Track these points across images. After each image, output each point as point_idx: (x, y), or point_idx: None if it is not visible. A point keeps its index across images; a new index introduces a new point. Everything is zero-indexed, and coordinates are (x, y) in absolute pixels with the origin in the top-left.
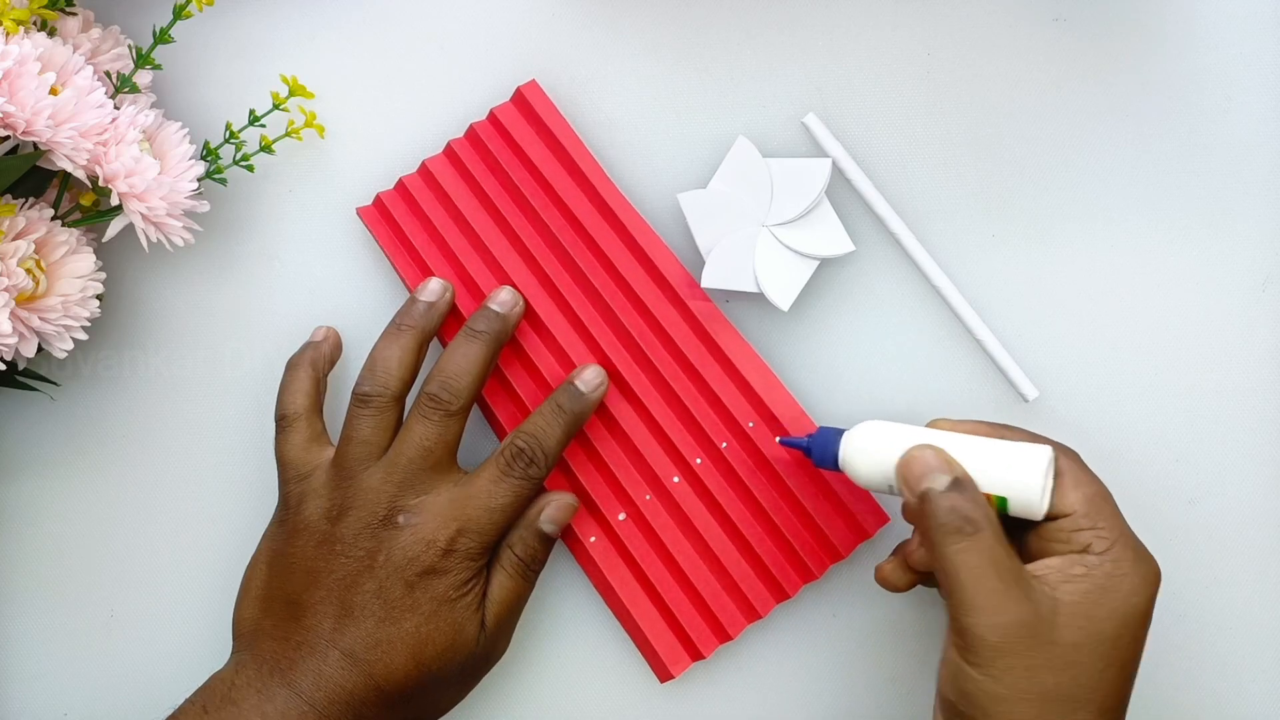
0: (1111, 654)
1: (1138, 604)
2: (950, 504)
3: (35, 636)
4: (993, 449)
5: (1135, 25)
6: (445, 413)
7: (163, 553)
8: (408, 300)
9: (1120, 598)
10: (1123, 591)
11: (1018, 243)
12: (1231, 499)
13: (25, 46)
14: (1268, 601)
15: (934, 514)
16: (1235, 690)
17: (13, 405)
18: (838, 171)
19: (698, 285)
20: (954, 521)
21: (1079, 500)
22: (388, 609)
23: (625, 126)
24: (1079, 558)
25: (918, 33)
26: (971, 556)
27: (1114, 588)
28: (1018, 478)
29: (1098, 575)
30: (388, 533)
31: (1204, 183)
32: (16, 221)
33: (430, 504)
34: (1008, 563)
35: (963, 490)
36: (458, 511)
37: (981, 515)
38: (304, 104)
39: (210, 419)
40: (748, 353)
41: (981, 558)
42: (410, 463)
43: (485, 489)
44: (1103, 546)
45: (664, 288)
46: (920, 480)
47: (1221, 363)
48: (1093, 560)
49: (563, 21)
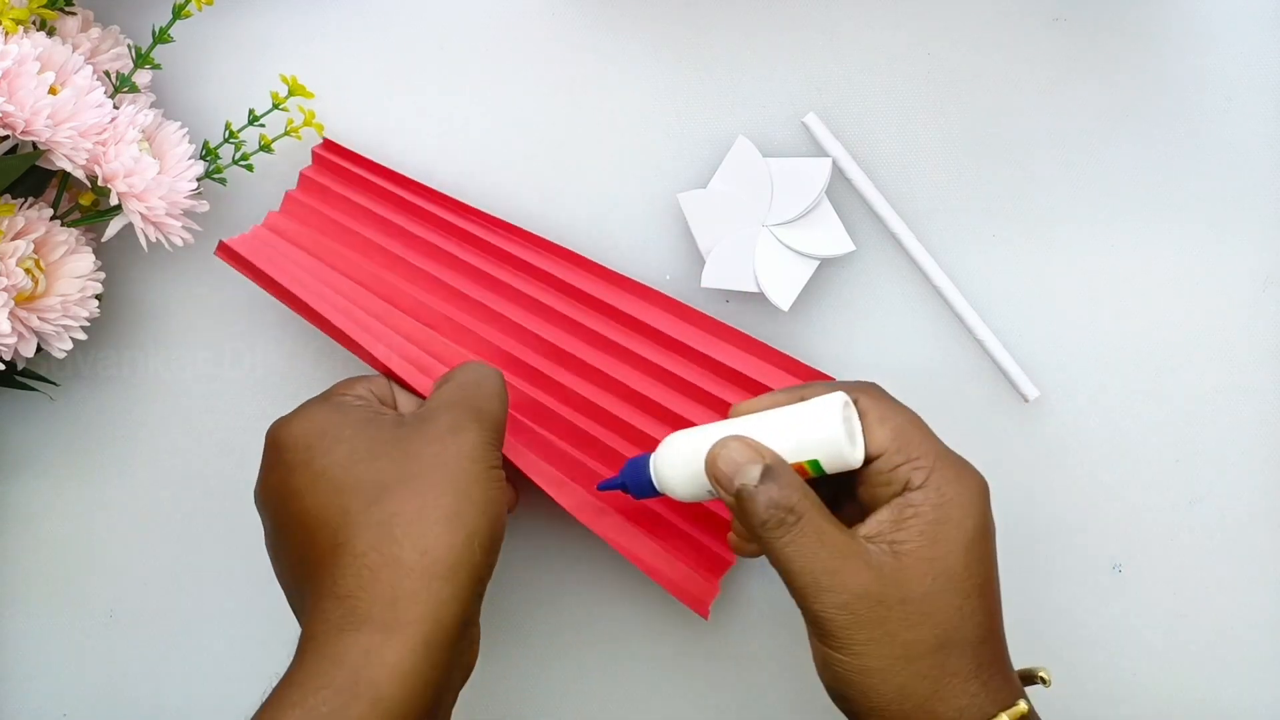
0: (965, 585)
1: (973, 524)
2: (766, 498)
3: (35, 636)
4: (789, 416)
5: (1135, 25)
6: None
7: (163, 553)
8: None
9: (954, 526)
10: (954, 519)
11: (1018, 243)
12: (1231, 499)
13: (24, 46)
14: (1268, 601)
15: (754, 513)
16: (1235, 690)
17: (12, 405)
18: (838, 171)
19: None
20: (775, 516)
21: (886, 436)
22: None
23: (625, 126)
24: (903, 499)
25: (918, 33)
26: (799, 544)
27: (944, 518)
28: (819, 435)
29: (925, 511)
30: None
31: (1204, 183)
32: (16, 221)
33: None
34: (837, 537)
35: (776, 478)
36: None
37: (799, 499)
38: (304, 104)
39: (210, 419)
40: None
41: (808, 542)
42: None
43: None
44: (921, 478)
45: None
46: (732, 479)
47: (1221, 363)
48: (916, 497)
49: (563, 21)
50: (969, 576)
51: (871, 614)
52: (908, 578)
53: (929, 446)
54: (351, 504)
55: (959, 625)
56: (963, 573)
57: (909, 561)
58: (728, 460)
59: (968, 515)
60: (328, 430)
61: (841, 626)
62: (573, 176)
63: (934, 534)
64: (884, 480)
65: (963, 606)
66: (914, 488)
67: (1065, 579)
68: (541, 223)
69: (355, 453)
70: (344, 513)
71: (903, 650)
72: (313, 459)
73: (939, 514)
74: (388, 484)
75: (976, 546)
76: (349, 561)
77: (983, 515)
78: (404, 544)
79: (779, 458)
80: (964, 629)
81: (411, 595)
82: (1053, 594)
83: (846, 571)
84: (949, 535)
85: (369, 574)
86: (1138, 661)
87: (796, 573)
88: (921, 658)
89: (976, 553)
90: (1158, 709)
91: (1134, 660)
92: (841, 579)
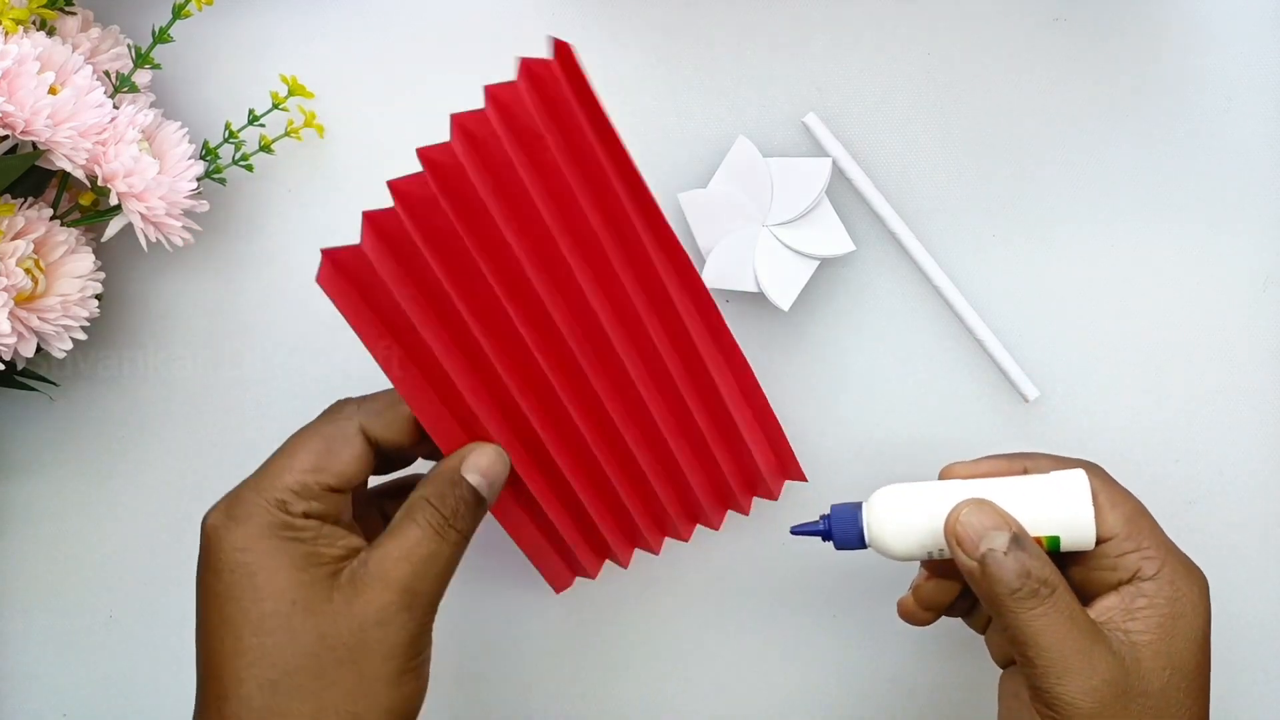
0: (1196, 684)
1: (1202, 623)
2: (1020, 567)
3: (35, 636)
4: (1029, 487)
5: (1135, 25)
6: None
7: (163, 553)
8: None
9: (1188, 622)
10: (1188, 615)
11: (1018, 243)
12: (1231, 499)
13: (24, 46)
14: (1268, 601)
15: (1001, 579)
16: (1235, 690)
17: (12, 405)
18: (838, 171)
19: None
20: (1028, 586)
21: (1118, 521)
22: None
23: (625, 126)
24: (1134, 589)
25: (918, 33)
26: (1051, 619)
27: (1179, 613)
28: (1065, 513)
29: (1161, 604)
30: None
31: (1204, 183)
32: (15, 221)
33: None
34: (1084, 619)
35: (1025, 547)
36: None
37: (1053, 573)
38: (304, 104)
39: (210, 419)
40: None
41: (1062, 619)
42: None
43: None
44: (1153, 569)
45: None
46: (977, 544)
47: (1221, 363)
48: (1149, 587)
49: (563, 22)
50: (1199, 675)
51: (1116, 702)
52: (1145, 670)
53: (1158, 537)
54: (247, 676)
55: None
56: (1195, 670)
57: (1146, 654)
58: (971, 524)
59: (1198, 612)
60: (257, 574)
61: (1084, 712)
62: None
63: (1170, 628)
64: (1109, 565)
65: (1193, 706)
66: (1145, 577)
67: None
68: None
69: (275, 619)
70: (237, 682)
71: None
72: (230, 599)
73: (1173, 608)
74: (292, 672)
75: (1205, 645)
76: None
77: (1208, 612)
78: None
79: (1025, 529)
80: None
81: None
82: None
83: (1094, 655)
84: (1185, 632)
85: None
86: None
87: (1045, 648)
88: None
89: (1205, 652)
90: None
91: None
92: (1090, 662)
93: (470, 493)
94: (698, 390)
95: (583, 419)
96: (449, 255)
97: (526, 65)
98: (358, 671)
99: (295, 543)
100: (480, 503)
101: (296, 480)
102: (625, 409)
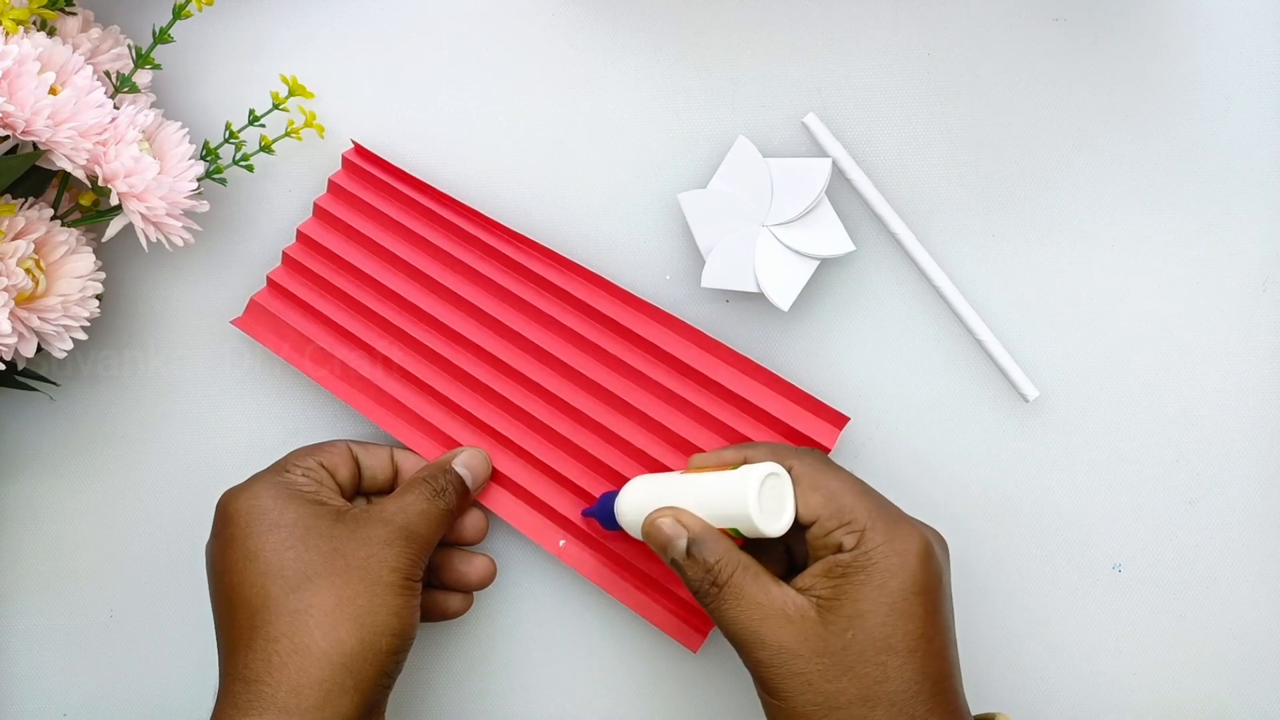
0: (888, 643)
1: (899, 584)
2: (692, 571)
3: (35, 636)
4: (713, 485)
5: (1135, 25)
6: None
7: (163, 553)
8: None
9: (876, 586)
10: (877, 579)
11: (1018, 243)
12: (1231, 499)
13: (25, 46)
14: (1268, 601)
15: (687, 579)
16: (1236, 690)
17: (12, 405)
18: (838, 171)
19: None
20: (702, 584)
21: (818, 502)
22: None
23: (625, 127)
24: (834, 558)
25: (918, 33)
26: (730, 604)
27: (866, 579)
28: (734, 509)
29: (853, 571)
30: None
31: (1204, 183)
32: (16, 221)
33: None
34: (759, 596)
35: (701, 547)
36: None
37: (722, 567)
38: (304, 104)
39: (210, 419)
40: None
41: (735, 603)
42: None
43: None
44: (852, 541)
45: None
46: (665, 550)
47: (1221, 363)
48: (845, 558)
49: (563, 21)
50: (892, 634)
51: (793, 665)
52: (828, 633)
53: (864, 510)
54: (274, 588)
55: (881, 681)
56: (884, 630)
57: (829, 617)
58: (659, 533)
59: (894, 575)
60: (269, 511)
61: (770, 677)
62: (572, 176)
63: (855, 593)
64: (821, 544)
65: (886, 663)
66: (845, 550)
67: (1065, 579)
68: (541, 222)
69: (289, 539)
70: (265, 596)
71: (824, 699)
72: (249, 537)
73: (864, 575)
74: (312, 575)
75: (904, 605)
76: (261, 645)
77: (914, 575)
78: (315, 634)
79: (707, 525)
80: (888, 685)
81: (316, 683)
82: (1053, 594)
83: (769, 625)
84: (870, 594)
85: (278, 660)
86: (1138, 661)
87: (730, 632)
88: (842, 708)
89: (903, 611)
90: (1158, 709)
91: (1134, 660)
92: (765, 633)
93: (457, 479)
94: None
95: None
96: (331, 293)
97: (344, 159)
98: (369, 577)
99: (300, 493)
100: (465, 491)
101: (295, 461)
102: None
